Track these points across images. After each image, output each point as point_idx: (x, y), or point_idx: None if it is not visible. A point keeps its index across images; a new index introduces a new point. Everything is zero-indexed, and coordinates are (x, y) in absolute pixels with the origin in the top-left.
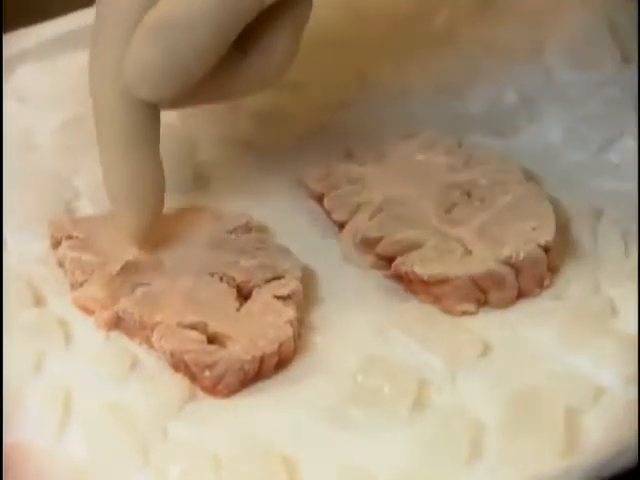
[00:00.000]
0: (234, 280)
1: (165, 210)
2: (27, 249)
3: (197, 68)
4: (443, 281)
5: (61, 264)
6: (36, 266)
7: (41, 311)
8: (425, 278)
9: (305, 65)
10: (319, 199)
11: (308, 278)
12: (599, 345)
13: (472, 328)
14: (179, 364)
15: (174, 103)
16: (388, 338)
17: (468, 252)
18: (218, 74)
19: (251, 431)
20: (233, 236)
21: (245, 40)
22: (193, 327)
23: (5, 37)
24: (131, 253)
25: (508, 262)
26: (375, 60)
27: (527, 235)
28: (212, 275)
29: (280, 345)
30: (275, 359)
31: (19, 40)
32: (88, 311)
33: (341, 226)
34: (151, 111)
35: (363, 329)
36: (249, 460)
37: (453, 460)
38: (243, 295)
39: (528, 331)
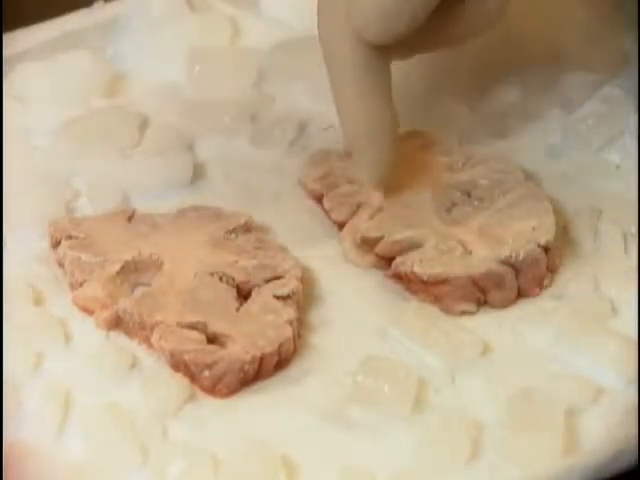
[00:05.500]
0: (234, 280)
1: (165, 210)
2: (27, 249)
3: (422, 10)
4: (443, 281)
5: (61, 264)
6: (36, 266)
7: (41, 310)
8: (425, 278)
9: None
10: (319, 199)
11: (308, 278)
12: (599, 345)
13: (472, 328)
14: (179, 364)
15: (402, 52)
16: (388, 338)
17: (468, 252)
18: (439, 20)
19: (251, 431)
20: (233, 236)
21: None
22: (193, 327)
23: (5, 37)
24: (131, 253)
25: (508, 262)
26: None
27: (527, 235)
28: (212, 275)
29: (280, 345)
30: (275, 359)
31: (19, 40)
32: (88, 311)
33: (341, 226)
34: (382, 57)
35: (363, 329)
36: (249, 460)
37: (453, 460)
38: (243, 295)
39: (528, 331)
